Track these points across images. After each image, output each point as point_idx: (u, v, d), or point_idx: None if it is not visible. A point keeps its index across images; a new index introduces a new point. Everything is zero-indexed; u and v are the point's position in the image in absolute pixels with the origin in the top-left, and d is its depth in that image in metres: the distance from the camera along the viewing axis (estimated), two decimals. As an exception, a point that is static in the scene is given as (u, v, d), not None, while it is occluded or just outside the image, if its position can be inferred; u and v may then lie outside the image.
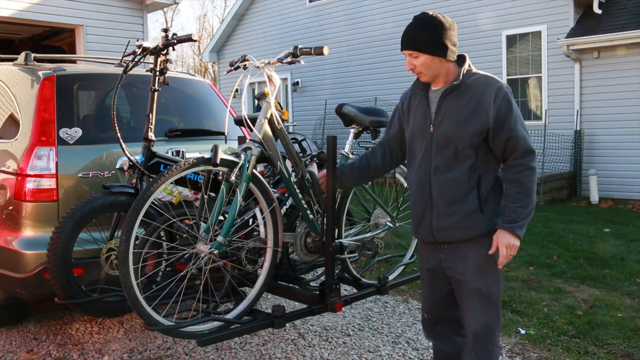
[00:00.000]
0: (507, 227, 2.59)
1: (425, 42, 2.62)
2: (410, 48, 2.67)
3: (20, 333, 4.32)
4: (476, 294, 2.70)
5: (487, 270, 2.69)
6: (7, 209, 3.87)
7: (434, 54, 2.63)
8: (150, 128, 3.57)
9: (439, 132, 2.68)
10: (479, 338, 2.73)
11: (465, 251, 2.70)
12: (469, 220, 2.65)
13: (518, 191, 2.61)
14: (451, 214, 2.67)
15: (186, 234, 3.21)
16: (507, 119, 2.57)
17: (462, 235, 2.68)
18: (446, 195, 2.67)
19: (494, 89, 2.58)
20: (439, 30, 2.62)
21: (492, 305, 2.72)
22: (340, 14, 15.88)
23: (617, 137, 11.43)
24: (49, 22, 10.11)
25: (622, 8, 11.62)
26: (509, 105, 2.59)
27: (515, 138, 2.58)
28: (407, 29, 2.69)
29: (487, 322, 2.72)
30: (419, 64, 2.67)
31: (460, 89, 2.64)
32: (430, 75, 2.69)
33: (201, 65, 36.84)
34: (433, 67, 2.66)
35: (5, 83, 4.35)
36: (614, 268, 6.18)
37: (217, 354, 3.99)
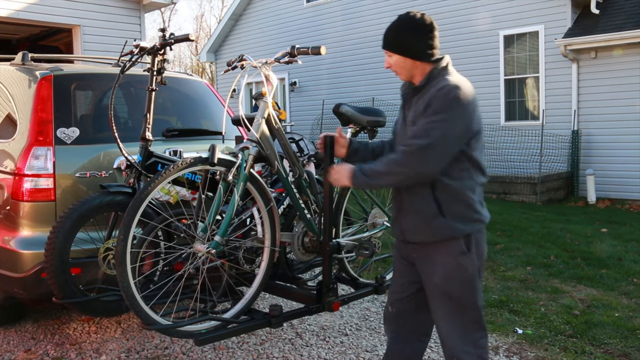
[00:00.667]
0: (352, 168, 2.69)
1: (398, 43, 2.65)
2: (385, 47, 2.71)
3: (18, 332, 4.32)
4: (445, 298, 2.67)
5: (456, 275, 2.63)
6: (5, 209, 3.87)
7: (405, 55, 2.65)
8: (147, 128, 3.57)
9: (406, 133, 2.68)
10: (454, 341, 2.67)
11: (433, 255, 2.67)
12: (430, 223, 2.61)
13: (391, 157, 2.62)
14: (415, 215, 2.68)
15: (184, 234, 3.22)
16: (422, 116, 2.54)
17: (426, 238, 2.66)
18: (409, 197, 2.68)
19: (434, 91, 2.54)
20: (414, 32, 2.62)
21: (465, 310, 2.66)
22: (337, 13, 15.89)
23: (615, 137, 11.45)
24: (46, 22, 10.10)
25: (619, 8, 11.64)
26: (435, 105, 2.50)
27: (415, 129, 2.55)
28: (387, 28, 2.71)
29: (462, 325, 2.66)
30: (393, 63, 2.70)
31: (423, 91, 2.62)
32: (405, 75, 2.71)
33: (198, 65, 36.83)
34: (406, 67, 2.67)
35: (3, 83, 4.35)
36: (611, 268, 6.19)
37: (215, 353, 3.99)
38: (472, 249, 2.63)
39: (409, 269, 2.82)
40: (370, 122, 3.96)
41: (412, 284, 2.82)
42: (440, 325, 2.72)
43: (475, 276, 2.65)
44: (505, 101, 12.87)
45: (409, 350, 2.90)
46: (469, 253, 2.62)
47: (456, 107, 2.50)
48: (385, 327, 3.03)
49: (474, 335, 2.67)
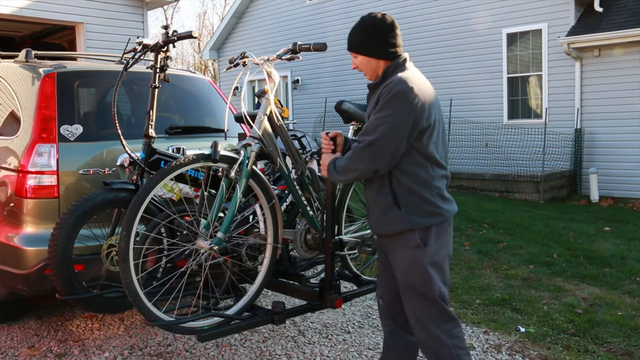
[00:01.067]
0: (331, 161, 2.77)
1: (361, 43, 2.73)
2: (349, 49, 2.79)
3: (21, 329, 4.33)
4: (409, 291, 2.72)
5: (413, 269, 2.68)
6: (8, 206, 3.88)
7: (369, 55, 2.72)
8: (150, 125, 3.58)
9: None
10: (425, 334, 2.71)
11: (395, 248, 2.75)
12: (387, 215, 2.70)
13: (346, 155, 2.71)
14: (375, 209, 2.77)
15: (186, 230, 3.22)
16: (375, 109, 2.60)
17: (385, 230, 2.76)
18: (370, 191, 2.79)
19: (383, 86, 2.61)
20: (377, 33, 2.70)
21: (428, 303, 2.69)
22: (339, 11, 15.87)
23: (618, 136, 11.43)
24: (50, 19, 10.12)
25: (622, 6, 11.61)
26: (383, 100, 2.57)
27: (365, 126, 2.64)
28: (352, 28, 2.79)
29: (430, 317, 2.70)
30: (358, 64, 2.78)
31: (378, 89, 2.68)
32: (371, 75, 2.77)
33: (201, 63, 36.84)
34: (370, 67, 2.74)
35: (6, 80, 4.36)
36: (614, 267, 6.18)
37: (217, 350, 4.00)
38: (430, 242, 2.66)
39: (386, 263, 2.91)
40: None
41: (393, 277, 2.86)
42: (411, 318, 2.77)
43: (431, 269, 2.67)
44: (508, 99, 12.86)
45: (404, 343, 2.95)
46: (424, 247, 2.66)
47: (400, 102, 2.54)
48: (381, 321, 3.09)
49: (445, 326, 2.71)
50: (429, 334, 2.71)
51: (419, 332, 2.75)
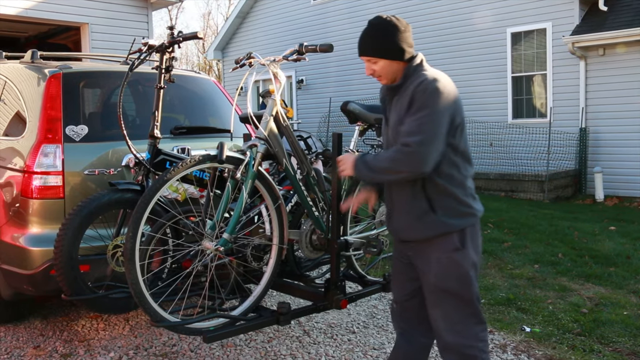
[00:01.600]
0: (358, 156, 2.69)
1: (384, 47, 2.65)
2: (368, 54, 2.70)
3: (27, 329, 4.35)
4: (443, 294, 2.67)
5: (451, 272, 2.63)
6: (14, 206, 3.89)
7: (392, 58, 2.65)
8: (156, 125, 3.58)
9: (390, 133, 2.71)
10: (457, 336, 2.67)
11: (427, 252, 2.67)
12: (422, 221, 2.64)
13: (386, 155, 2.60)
14: (406, 214, 2.69)
15: (192, 231, 3.23)
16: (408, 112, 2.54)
17: (418, 236, 2.68)
18: (400, 196, 2.70)
19: (414, 85, 2.55)
20: (395, 34, 2.64)
21: (463, 305, 2.67)
22: (344, 11, 15.87)
23: (623, 135, 11.40)
24: (55, 20, 10.15)
25: (627, 5, 11.58)
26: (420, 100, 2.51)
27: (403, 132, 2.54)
28: (364, 34, 2.71)
29: (461, 320, 2.67)
30: (379, 69, 2.69)
31: (401, 90, 2.65)
32: (390, 78, 2.71)
33: (205, 63, 36.87)
34: (391, 70, 2.68)
35: (12, 81, 4.37)
36: (619, 266, 6.17)
37: (223, 350, 4.00)
38: (467, 243, 2.64)
39: (408, 266, 2.83)
40: (378, 119, 3.96)
41: (413, 280, 2.83)
42: (438, 322, 2.72)
43: (470, 271, 2.65)
44: (512, 99, 12.84)
45: (416, 345, 2.91)
46: (463, 249, 2.62)
47: (439, 100, 2.51)
48: (393, 323, 3.05)
49: (474, 329, 2.68)
50: (458, 337, 2.67)
51: (447, 335, 2.69)
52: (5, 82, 4.45)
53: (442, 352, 2.75)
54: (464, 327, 2.67)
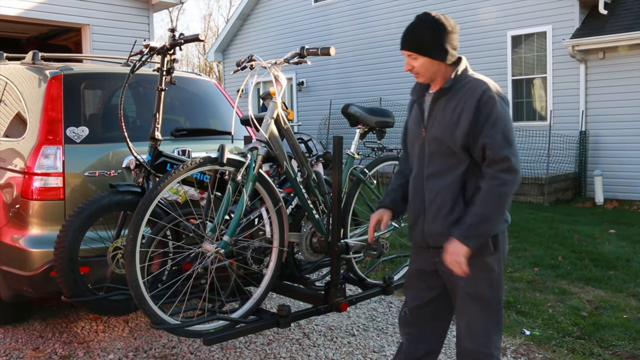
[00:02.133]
0: (456, 234, 2.51)
1: (426, 44, 2.56)
2: (410, 49, 2.60)
3: (26, 331, 4.34)
4: (470, 300, 2.63)
5: (484, 276, 2.59)
6: (14, 207, 3.89)
7: (434, 57, 2.57)
8: (157, 127, 3.58)
9: (430, 136, 2.63)
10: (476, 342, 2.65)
11: None
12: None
13: (478, 199, 2.50)
14: (440, 220, 2.61)
15: (192, 233, 3.23)
16: (485, 125, 2.47)
17: None
18: (435, 201, 2.62)
19: (479, 93, 2.49)
20: (441, 33, 2.56)
21: (490, 311, 2.64)
22: (345, 13, 15.88)
23: (623, 138, 11.41)
24: (56, 21, 10.15)
25: (628, 8, 11.59)
26: (490, 110, 2.47)
27: (489, 145, 2.46)
28: (409, 28, 2.62)
29: (485, 326, 2.64)
30: (418, 66, 2.60)
31: (450, 93, 2.58)
32: (428, 77, 2.63)
33: (206, 65, 36.89)
34: (431, 69, 2.59)
35: (13, 82, 4.37)
36: (619, 269, 6.17)
37: (222, 353, 4.00)
38: (499, 248, 2.62)
39: (430, 275, 2.76)
40: (378, 122, 3.97)
41: (431, 289, 2.77)
42: (461, 327, 2.69)
43: (500, 276, 2.65)
44: (512, 102, 12.84)
45: (424, 350, 2.84)
46: (496, 253, 2.61)
47: (505, 105, 2.52)
48: (401, 329, 2.96)
49: (494, 337, 2.66)
50: (478, 344, 2.63)
51: (467, 340, 2.66)
52: (6, 83, 4.45)
53: (459, 356, 2.73)
54: (485, 334, 2.64)
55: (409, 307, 2.87)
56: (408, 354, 2.87)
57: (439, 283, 2.74)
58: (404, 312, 2.90)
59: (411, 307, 2.85)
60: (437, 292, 2.77)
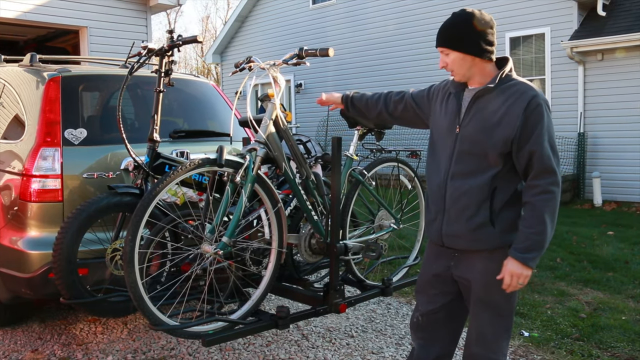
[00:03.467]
0: (517, 257, 2.43)
1: (456, 39, 2.50)
2: (441, 45, 2.56)
3: (24, 332, 4.34)
4: (482, 305, 2.60)
5: (496, 284, 2.53)
6: (13, 209, 3.88)
7: (465, 52, 2.49)
8: (155, 129, 3.58)
9: (464, 134, 2.54)
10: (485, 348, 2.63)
11: (474, 261, 2.58)
12: (478, 232, 2.53)
13: (532, 215, 2.43)
14: (461, 222, 2.56)
15: (191, 235, 3.23)
16: (533, 133, 2.40)
17: (470, 246, 2.57)
18: (459, 202, 2.55)
19: (527, 98, 2.42)
20: (472, 28, 2.48)
21: (501, 318, 2.62)
22: (342, 16, 15.89)
23: (621, 140, 11.41)
24: (54, 23, 10.14)
25: (626, 10, 11.60)
26: (540, 118, 2.41)
27: (538, 154, 2.41)
28: (442, 25, 2.57)
29: (494, 333, 2.62)
30: (451, 62, 2.54)
31: (493, 93, 2.50)
32: (462, 74, 2.55)
33: (204, 67, 36.89)
34: (464, 65, 2.52)
35: (11, 84, 4.37)
36: (617, 271, 6.17)
37: (221, 354, 3.99)
38: None
39: (443, 280, 2.72)
40: (377, 124, 3.97)
41: (444, 294, 2.73)
42: (472, 332, 2.67)
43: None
44: (511, 103, 12.84)
45: (435, 355, 2.80)
46: None
47: (548, 111, 2.47)
48: (412, 335, 2.91)
49: (503, 344, 2.64)
50: (487, 350, 2.62)
51: (477, 345, 2.64)
52: (4, 85, 4.45)
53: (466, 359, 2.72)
54: (495, 340, 2.62)
55: (421, 312, 2.82)
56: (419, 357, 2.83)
57: (452, 289, 2.71)
58: (416, 317, 2.85)
59: (423, 313, 2.81)
60: (451, 298, 2.73)
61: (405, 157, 4.27)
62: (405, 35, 14.37)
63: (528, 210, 2.45)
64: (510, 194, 2.52)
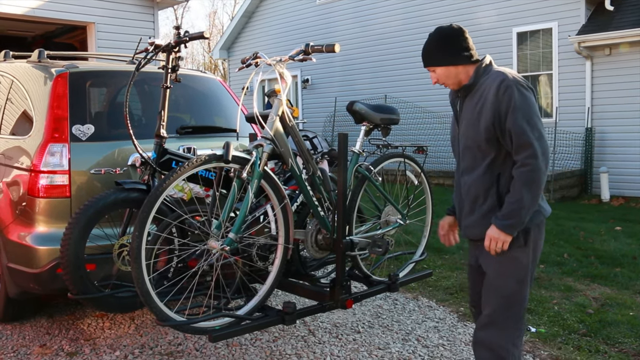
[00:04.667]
0: (496, 223, 2.62)
1: (435, 56, 2.74)
2: (426, 65, 2.80)
3: (33, 327, 4.36)
4: (495, 291, 2.74)
5: (510, 269, 2.69)
6: (21, 205, 3.90)
7: (446, 64, 2.72)
8: (162, 125, 3.59)
9: (462, 134, 2.78)
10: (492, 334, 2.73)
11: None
12: (488, 217, 2.68)
13: (512, 187, 2.59)
14: (473, 212, 2.76)
15: (198, 231, 3.23)
16: (507, 113, 2.56)
17: (483, 233, 2.70)
18: (470, 194, 2.76)
19: (496, 84, 2.59)
20: (446, 41, 2.72)
21: (512, 305, 2.72)
22: (349, 11, 15.87)
23: (629, 135, 11.37)
24: (61, 19, 10.18)
25: (634, 4, 11.54)
26: (510, 98, 2.56)
27: (515, 132, 2.55)
28: (423, 47, 2.81)
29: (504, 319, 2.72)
30: (438, 77, 2.77)
31: (474, 89, 2.71)
32: (452, 83, 2.76)
33: (211, 63, 36.92)
34: (451, 75, 2.74)
35: (19, 80, 4.39)
36: (625, 266, 6.15)
37: (228, 350, 4.01)
38: (529, 242, 2.69)
39: (475, 274, 2.92)
40: (383, 119, 3.97)
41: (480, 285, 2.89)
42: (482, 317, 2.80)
43: (527, 271, 2.71)
44: (518, 98, 12.80)
45: None
46: (525, 247, 2.68)
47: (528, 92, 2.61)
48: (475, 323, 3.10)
49: (512, 332, 2.74)
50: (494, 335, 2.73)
51: (484, 330, 2.77)
52: (12, 81, 4.47)
53: (475, 345, 2.82)
54: (503, 327, 2.73)
55: (472, 303, 3.05)
56: None
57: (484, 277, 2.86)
58: (469, 308, 3.13)
59: (473, 304, 3.03)
60: None
61: (411, 153, 4.27)
62: (412, 30, 14.32)
63: (512, 183, 2.60)
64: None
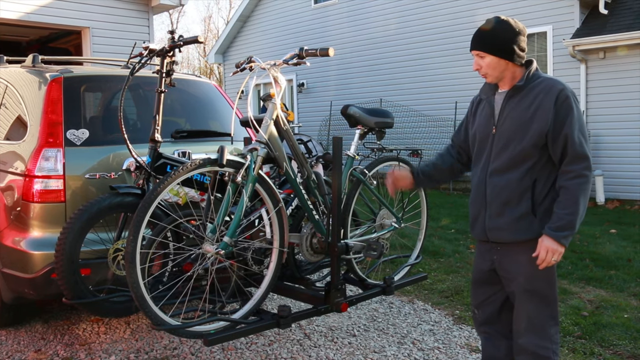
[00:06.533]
0: (551, 234, 2.60)
1: (493, 44, 2.69)
2: (478, 48, 2.74)
3: (28, 333, 4.35)
4: (528, 295, 2.75)
5: (540, 273, 2.71)
6: (15, 210, 3.90)
7: (500, 56, 2.69)
8: (156, 129, 3.59)
9: (500, 133, 2.74)
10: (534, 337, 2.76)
11: (518, 254, 2.74)
12: (520, 222, 2.70)
13: (566, 198, 2.60)
14: (503, 215, 2.73)
15: (193, 235, 3.23)
16: (565, 123, 2.59)
17: (513, 237, 2.72)
18: (500, 195, 2.73)
19: (555, 92, 2.62)
20: (508, 34, 2.69)
21: (546, 306, 2.76)
22: (344, 15, 15.89)
23: (623, 138, 11.40)
24: (56, 24, 10.16)
25: (628, 8, 11.58)
26: (569, 109, 2.60)
27: (570, 143, 2.58)
28: (478, 30, 2.77)
29: (541, 321, 2.76)
30: (485, 65, 2.74)
31: (523, 92, 2.70)
32: (495, 77, 2.75)
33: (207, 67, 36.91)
34: (498, 68, 2.72)
35: (14, 85, 4.38)
36: (620, 269, 6.17)
37: (223, 354, 4.00)
38: None
39: (489, 273, 2.91)
40: (378, 123, 3.98)
41: (493, 285, 2.93)
42: (520, 323, 2.80)
43: (555, 269, 2.77)
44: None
45: (504, 347, 2.97)
46: None
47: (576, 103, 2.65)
48: (476, 329, 3.12)
49: (550, 331, 2.77)
50: (535, 338, 2.75)
51: (525, 335, 2.78)
52: (7, 86, 4.46)
53: (517, 352, 2.83)
54: (542, 329, 2.76)
55: (475, 305, 3.05)
56: (491, 354, 3.01)
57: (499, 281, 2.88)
58: (473, 311, 3.09)
59: (477, 305, 3.03)
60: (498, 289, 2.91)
61: (406, 156, 4.28)
62: (407, 35, 14.36)
63: (563, 193, 2.62)
64: (549, 185, 2.69)
